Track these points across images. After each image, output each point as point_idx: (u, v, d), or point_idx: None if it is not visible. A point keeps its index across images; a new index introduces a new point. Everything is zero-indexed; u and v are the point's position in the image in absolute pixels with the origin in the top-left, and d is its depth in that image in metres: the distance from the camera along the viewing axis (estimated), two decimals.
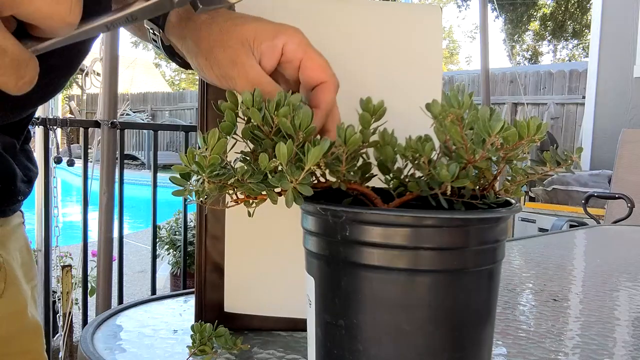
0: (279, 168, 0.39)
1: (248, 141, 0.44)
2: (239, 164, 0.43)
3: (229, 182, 0.41)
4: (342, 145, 0.40)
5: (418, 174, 0.43)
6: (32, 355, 0.66)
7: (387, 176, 0.44)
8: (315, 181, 0.42)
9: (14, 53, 0.31)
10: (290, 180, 0.38)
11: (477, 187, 0.42)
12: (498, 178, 0.42)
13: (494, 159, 0.40)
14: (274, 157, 0.39)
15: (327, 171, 0.41)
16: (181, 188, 0.42)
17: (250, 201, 0.43)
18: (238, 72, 0.48)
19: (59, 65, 0.56)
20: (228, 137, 0.43)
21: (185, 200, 0.52)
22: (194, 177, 0.41)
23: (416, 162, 0.42)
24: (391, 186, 0.44)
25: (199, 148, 0.40)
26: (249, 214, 0.44)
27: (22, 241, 0.66)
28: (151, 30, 0.56)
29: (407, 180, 0.43)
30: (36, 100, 0.58)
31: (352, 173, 0.42)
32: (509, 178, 0.43)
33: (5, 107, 0.55)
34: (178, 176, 0.41)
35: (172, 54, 0.57)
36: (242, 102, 0.44)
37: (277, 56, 0.50)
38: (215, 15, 0.51)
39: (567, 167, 0.41)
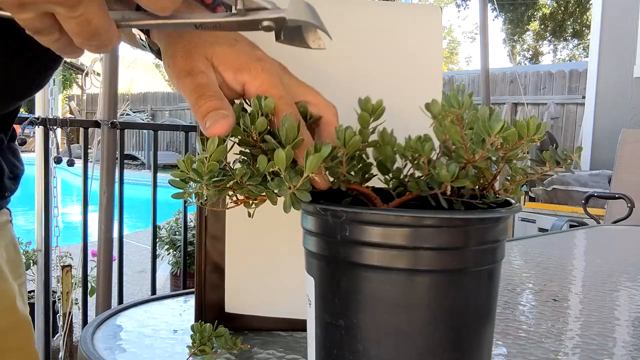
0: (278, 173, 0.39)
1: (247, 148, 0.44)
2: (238, 166, 0.43)
3: (228, 185, 0.41)
4: (341, 147, 0.40)
5: (417, 173, 0.43)
6: (25, 350, 0.66)
7: (387, 176, 0.45)
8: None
9: (99, 27, 0.35)
10: (288, 186, 0.38)
11: (477, 186, 0.42)
12: (498, 178, 0.42)
13: (494, 158, 0.40)
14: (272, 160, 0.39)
15: (326, 173, 0.41)
16: (180, 191, 0.42)
17: (250, 202, 0.43)
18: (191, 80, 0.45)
19: (44, 58, 0.56)
20: (227, 139, 0.43)
21: (185, 201, 0.53)
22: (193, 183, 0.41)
23: (416, 162, 0.42)
24: (391, 186, 0.44)
25: (198, 153, 0.40)
26: (249, 215, 0.44)
27: (8, 238, 0.66)
28: (138, 35, 0.56)
29: (406, 180, 0.43)
30: (22, 91, 0.58)
31: (352, 173, 0.42)
32: (509, 178, 0.43)
33: None
34: (177, 179, 0.41)
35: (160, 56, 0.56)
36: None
37: (238, 90, 0.47)
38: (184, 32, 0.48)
39: (567, 167, 0.41)
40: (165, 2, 0.37)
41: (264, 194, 0.41)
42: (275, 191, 0.39)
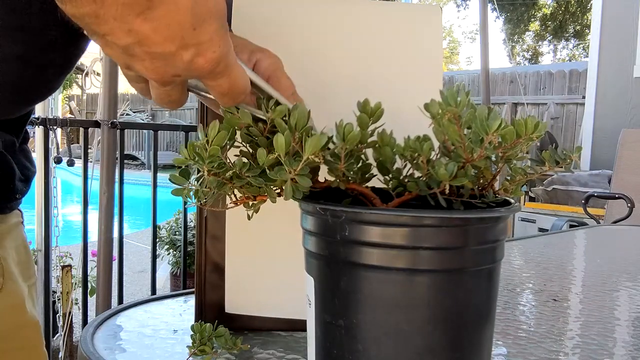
0: (278, 160, 0.39)
1: (248, 145, 0.44)
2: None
3: (227, 175, 0.41)
4: (340, 142, 0.40)
5: (417, 173, 0.43)
6: (31, 351, 0.66)
7: (386, 176, 0.45)
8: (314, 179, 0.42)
9: (175, 100, 0.42)
10: (288, 170, 0.38)
11: (476, 186, 0.42)
12: (497, 177, 0.42)
13: (493, 157, 0.40)
14: (272, 152, 0.39)
15: (326, 170, 0.41)
16: (180, 187, 0.42)
17: (250, 202, 0.43)
18: None
19: (58, 61, 0.57)
20: (228, 139, 0.43)
21: (184, 202, 0.53)
22: (193, 177, 0.41)
23: (415, 162, 0.42)
24: (390, 186, 0.44)
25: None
26: (248, 217, 0.44)
27: (19, 240, 0.66)
28: None
29: (406, 180, 0.43)
30: (36, 96, 0.58)
31: (351, 172, 0.42)
32: (508, 178, 0.43)
33: (6, 101, 0.55)
34: (177, 175, 0.41)
35: None
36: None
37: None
38: None
39: (567, 167, 0.41)
40: (229, 102, 0.43)
41: (263, 193, 0.41)
42: (275, 179, 0.39)
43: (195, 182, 0.42)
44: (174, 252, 3.83)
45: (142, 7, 0.34)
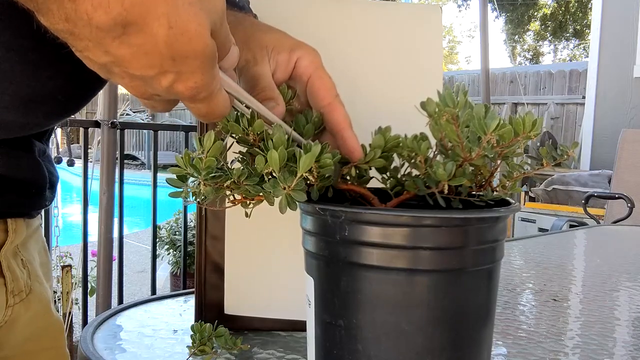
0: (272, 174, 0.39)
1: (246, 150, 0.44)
2: (236, 165, 0.43)
3: (225, 184, 0.41)
4: (315, 165, 0.39)
5: (415, 172, 0.43)
6: (57, 351, 0.67)
7: (384, 175, 0.45)
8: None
9: (161, 110, 0.42)
10: (283, 186, 0.38)
11: (474, 184, 0.42)
12: (495, 175, 0.42)
13: (490, 156, 0.40)
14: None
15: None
16: (179, 190, 0.42)
17: (248, 202, 0.43)
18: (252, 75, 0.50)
19: (94, 79, 0.57)
20: (225, 137, 0.43)
21: (184, 200, 0.53)
22: (191, 180, 0.41)
23: (413, 161, 0.42)
24: (388, 185, 0.44)
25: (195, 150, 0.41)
26: (247, 215, 0.44)
27: (40, 243, 0.67)
28: None
29: (404, 179, 0.43)
30: (81, 106, 0.59)
31: (347, 177, 0.42)
32: (506, 174, 0.43)
33: (52, 114, 0.55)
34: (175, 177, 0.41)
35: None
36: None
37: (290, 69, 0.51)
38: (242, 20, 0.53)
39: (564, 163, 0.41)
40: (204, 121, 0.42)
41: (261, 194, 0.41)
42: (271, 191, 0.39)
43: (193, 184, 0.42)
44: (174, 252, 3.83)
45: (117, 32, 0.33)
